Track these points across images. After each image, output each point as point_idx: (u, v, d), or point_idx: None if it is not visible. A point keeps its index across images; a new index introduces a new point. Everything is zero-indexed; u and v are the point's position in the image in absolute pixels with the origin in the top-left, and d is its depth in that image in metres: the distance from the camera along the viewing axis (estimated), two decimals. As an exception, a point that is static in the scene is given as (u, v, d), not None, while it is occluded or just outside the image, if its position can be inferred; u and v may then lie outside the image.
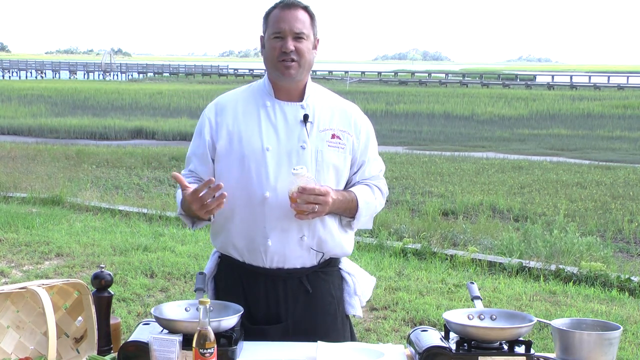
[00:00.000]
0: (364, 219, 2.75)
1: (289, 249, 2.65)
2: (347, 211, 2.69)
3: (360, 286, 2.83)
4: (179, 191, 2.64)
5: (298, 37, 2.63)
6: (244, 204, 2.64)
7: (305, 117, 2.68)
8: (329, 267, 2.77)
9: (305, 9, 2.67)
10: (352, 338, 2.84)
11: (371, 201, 2.74)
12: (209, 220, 2.64)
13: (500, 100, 36.24)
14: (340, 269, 2.82)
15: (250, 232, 2.65)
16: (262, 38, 2.72)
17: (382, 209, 2.89)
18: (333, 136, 2.70)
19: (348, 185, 2.77)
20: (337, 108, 2.76)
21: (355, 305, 2.82)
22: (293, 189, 2.52)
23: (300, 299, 2.70)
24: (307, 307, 2.71)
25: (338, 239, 2.72)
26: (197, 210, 2.50)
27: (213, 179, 2.48)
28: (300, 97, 2.72)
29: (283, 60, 2.63)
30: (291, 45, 2.62)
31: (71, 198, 10.48)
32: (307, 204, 2.51)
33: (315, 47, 2.71)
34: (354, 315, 2.86)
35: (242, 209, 2.65)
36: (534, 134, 23.26)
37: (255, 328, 2.60)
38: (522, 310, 4.96)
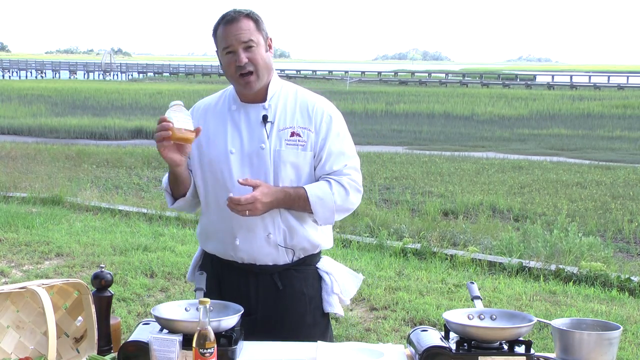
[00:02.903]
0: (324, 214, 2.70)
1: (257, 247, 2.71)
2: (299, 206, 2.68)
3: (338, 284, 2.84)
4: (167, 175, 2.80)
5: (248, 46, 2.65)
6: (214, 205, 2.75)
7: (265, 117, 2.71)
8: (303, 266, 2.80)
9: (248, 15, 2.68)
10: (329, 336, 2.86)
11: (326, 196, 2.68)
12: (184, 195, 2.77)
13: (500, 100, 36.24)
14: (317, 268, 2.84)
15: (220, 232, 2.75)
16: (217, 53, 2.75)
17: (354, 206, 2.78)
18: (292, 134, 2.71)
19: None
20: (300, 105, 2.76)
21: (334, 304, 2.84)
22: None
23: (270, 295, 2.76)
24: (277, 302, 2.76)
25: (302, 233, 2.73)
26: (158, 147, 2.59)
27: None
28: (264, 97, 2.75)
29: (241, 74, 2.66)
30: (244, 57, 2.64)
31: (71, 198, 10.49)
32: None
33: (270, 48, 2.73)
34: (335, 314, 2.88)
35: (213, 210, 2.76)
36: (534, 134, 23.25)
37: None
38: (522, 310, 4.95)
